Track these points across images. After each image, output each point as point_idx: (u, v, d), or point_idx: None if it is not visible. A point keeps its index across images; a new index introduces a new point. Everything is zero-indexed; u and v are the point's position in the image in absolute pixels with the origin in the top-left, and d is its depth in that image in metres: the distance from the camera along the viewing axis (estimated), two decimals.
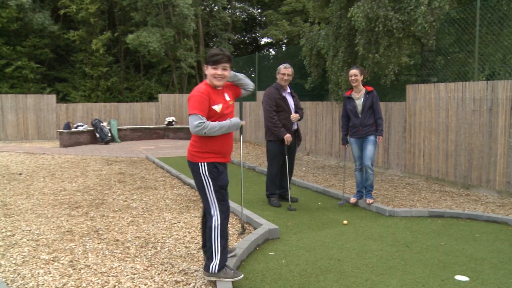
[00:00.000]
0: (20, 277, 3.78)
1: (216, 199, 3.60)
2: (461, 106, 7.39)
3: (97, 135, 15.08)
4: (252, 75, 16.82)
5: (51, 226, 5.30)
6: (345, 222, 5.49)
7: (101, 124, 15.23)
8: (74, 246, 4.58)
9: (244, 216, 5.52)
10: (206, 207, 3.66)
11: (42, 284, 3.63)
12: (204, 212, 3.86)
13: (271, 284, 3.65)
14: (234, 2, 25.75)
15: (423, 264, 4.10)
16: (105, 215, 5.80)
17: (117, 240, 4.78)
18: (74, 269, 3.95)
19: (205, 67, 3.61)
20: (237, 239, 4.79)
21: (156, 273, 3.87)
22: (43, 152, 12.49)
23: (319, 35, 10.38)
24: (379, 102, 6.26)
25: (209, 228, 3.60)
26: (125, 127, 16.47)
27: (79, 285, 3.61)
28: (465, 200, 6.58)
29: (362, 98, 6.15)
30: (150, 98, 21.79)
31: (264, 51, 27.26)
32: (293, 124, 6.34)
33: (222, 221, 3.60)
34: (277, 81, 6.33)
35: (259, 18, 28.40)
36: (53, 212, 5.95)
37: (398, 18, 7.60)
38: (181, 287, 3.60)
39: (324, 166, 9.82)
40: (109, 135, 15.21)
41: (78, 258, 4.23)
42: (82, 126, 15.13)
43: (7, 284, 3.62)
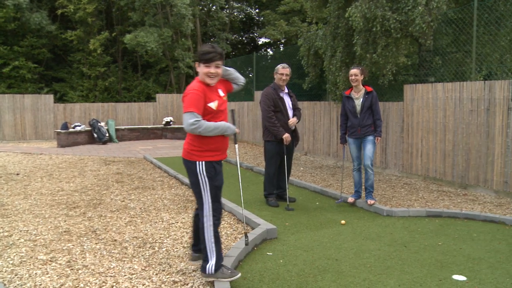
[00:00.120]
0: (18, 278, 3.77)
1: (211, 199, 3.57)
2: (459, 106, 7.40)
3: (95, 135, 15.06)
4: (250, 75, 16.82)
5: (49, 227, 5.28)
6: (343, 222, 5.50)
7: (99, 124, 15.21)
8: (72, 247, 4.57)
9: (243, 217, 5.53)
10: (199, 207, 3.63)
11: (40, 285, 3.62)
12: (197, 212, 3.84)
13: (269, 284, 3.65)
14: (232, 2, 25.76)
15: (421, 264, 4.11)
16: (103, 215, 5.79)
17: (115, 240, 4.78)
18: (72, 270, 3.95)
19: (197, 65, 3.56)
20: (235, 240, 4.79)
21: (154, 273, 3.87)
22: (41, 152, 12.47)
23: (317, 35, 10.39)
24: (379, 103, 6.26)
25: (202, 229, 3.58)
26: (123, 127, 16.46)
27: (77, 286, 3.60)
28: (463, 200, 6.59)
29: (362, 98, 6.14)
30: (148, 98, 21.78)
31: (262, 51, 27.29)
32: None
33: (215, 222, 3.59)
34: (275, 81, 6.33)
35: (257, 18, 28.41)
36: (51, 212, 5.94)
37: (396, 18, 7.61)
38: (179, 287, 3.60)
39: (322, 166, 9.83)
40: (107, 135, 15.19)
41: (76, 259, 4.22)
42: (80, 126, 15.11)
43: (5, 285, 3.61)
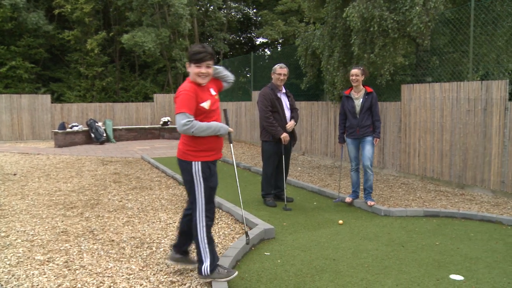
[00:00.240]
0: (15, 278, 3.76)
1: (205, 200, 3.56)
2: (456, 106, 7.42)
3: (92, 135, 15.03)
4: (248, 75, 16.83)
5: (46, 227, 5.27)
6: (341, 222, 5.50)
7: (96, 124, 15.19)
8: (69, 247, 4.57)
9: (242, 217, 5.53)
10: (193, 206, 3.61)
11: (37, 285, 3.61)
12: (187, 212, 3.81)
13: (267, 284, 3.65)
14: (230, 2, 25.76)
15: (418, 264, 4.12)
16: (100, 216, 5.78)
17: (113, 241, 4.77)
18: (69, 270, 3.94)
19: (188, 65, 3.55)
20: (233, 240, 4.79)
21: (152, 274, 3.86)
22: (38, 153, 12.44)
23: (314, 35, 10.40)
24: (378, 104, 6.25)
25: (195, 230, 3.57)
26: (120, 127, 16.43)
27: (74, 286, 3.60)
28: (460, 200, 6.61)
29: (361, 99, 6.12)
30: (145, 98, 21.76)
31: (260, 51, 27.28)
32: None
33: (208, 223, 3.58)
34: (273, 81, 6.33)
35: (255, 18, 28.42)
36: (48, 213, 5.93)
37: (393, 18, 7.62)
38: (176, 287, 3.60)
39: (320, 166, 9.84)
40: (104, 135, 15.17)
41: (73, 259, 4.22)
42: (77, 126, 15.08)
43: (2, 285, 3.60)
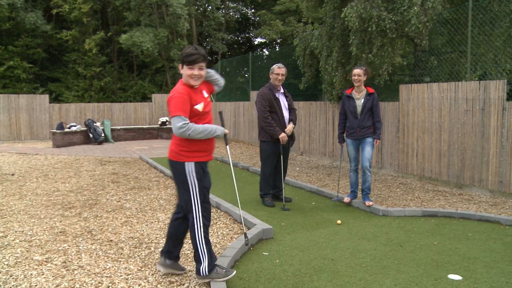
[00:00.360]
0: (13, 279, 3.75)
1: (200, 200, 3.56)
2: (454, 106, 7.43)
3: (91, 135, 15.02)
4: (246, 75, 16.83)
5: (44, 227, 5.27)
6: (339, 222, 5.50)
7: (95, 124, 15.17)
8: (68, 247, 4.56)
9: (238, 216, 5.53)
10: (188, 209, 3.58)
11: (35, 285, 3.61)
12: (178, 213, 3.78)
13: (265, 284, 3.66)
14: (228, 2, 25.76)
15: (417, 264, 4.12)
16: (99, 216, 5.77)
17: (111, 241, 4.77)
18: (68, 270, 3.94)
19: (180, 67, 3.55)
20: (231, 240, 4.79)
21: (150, 274, 3.86)
22: (36, 153, 12.42)
23: (313, 35, 10.40)
24: (379, 105, 6.22)
25: (192, 231, 3.56)
26: (119, 127, 16.42)
27: (73, 286, 3.59)
28: (458, 200, 6.62)
29: (363, 99, 6.09)
30: (144, 98, 21.75)
31: (258, 51, 27.29)
32: (287, 124, 6.33)
33: (205, 223, 3.58)
34: (271, 81, 6.33)
35: (253, 18, 28.43)
36: (46, 213, 5.92)
37: (391, 19, 7.63)
38: (175, 287, 3.60)
39: (318, 166, 9.84)
40: (103, 135, 15.15)
41: (72, 259, 4.21)
42: (75, 126, 15.06)
43: (0, 286, 3.59)
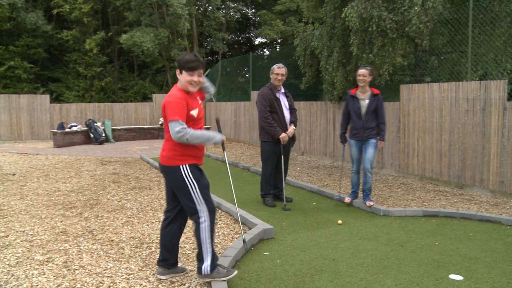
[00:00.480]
0: (14, 278, 3.76)
1: (204, 200, 3.56)
2: (455, 106, 7.43)
3: (91, 135, 15.02)
4: (247, 75, 16.84)
5: (45, 227, 5.27)
6: (340, 222, 5.51)
7: (95, 124, 15.18)
8: (69, 247, 4.56)
9: (240, 217, 5.53)
10: (192, 211, 3.58)
11: (36, 285, 3.61)
12: (168, 218, 3.78)
13: (266, 284, 3.66)
14: (228, 2, 25.75)
15: (418, 264, 4.12)
16: (100, 216, 5.78)
17: (112, 241, 4.77)
18: (69, 270, 3.94)
19: (178, 72, 3.56)
20: (232, 240, 4.79)
21: (151, 274, 3.86)
22: (37, 153, 12.43)
23: (313, 35, 10.41)
24: (384, 106, 6.17)
25: (198, 231, 3.56)
26: (119, 127, 16.42)
27: (74, 286, 3.60)
28: (459, 200, 6.62)
29: (367, 100, 6.03)
30: (144, 98, 21.75)
31: (258, 51, 27.29)
32: (288, 124, 6.33)
33: (212, 221, 3.60)
34: (271, 81, 6.33)
35: (253, 18, 28.42)
36: (47, 213, 5.92)
37: (392, 19, 7.63)
38: (176, 287, 3.60)
39: (319, 166, 9.84)
40: (103, 135, 15.16)
41: (73, 259, 4.22)
42: (76, 126, 15.06)
43: (1, 285, 3.60)
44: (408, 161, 8.40)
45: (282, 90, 6.38)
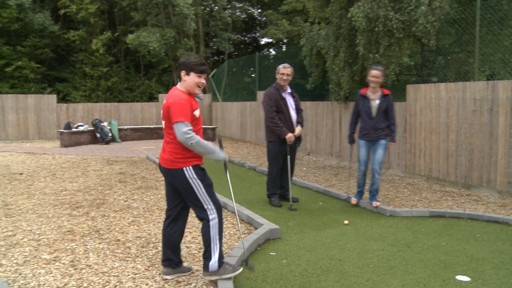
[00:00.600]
0: (22, 277, 3.78)
1: (210, 198, 3.59)
2: (462, 106, 7.39)
3: (98, 135, 15.09)
4: (253, 75, 16.83)
5: (52, 226, 5.30)
6: (346, 222, 5.49)
7: (102, 124, 15.24)
8: (75, 246, 4.59)
9: (245, 217, 5.54)
10: (200, 210, 3.60)
11: (44, 284, 3.64)
12: (169, 217, 3.79)
13: (272, 284, 3.66)
14: (234, 2, 25.76)
15: (424, 264, 4.11)
16: (106, 215, 5.80)
17: (118, 240, 4.79)
18: (75, 269, 3.96)
19: (184, 73, 3.57)
20: (238, 239, 4.79)
21: (157, 273, 3.87)
22: (44, 152, 12.50)
23: (319, 35, 10.39)
24: (394, 107, 6.12)
25: (207, 230, 3.58)
26: (126, 127, 16.47)
27: (80, 285, 3.61)
28: (466, 200, 6.58)
29: (378, 100, 5.96)
30: (151, 98, 21.81)
31: (264, 51, 27.28)
32: (294, 124, 6.32)
33: (220, 218, 3.63)
34: (277, 81, 6.33)
35: (259, 18, 28.42)
36: (54, 212, 5.95)
37: (398, 18, 7.60)
38: (182, 287, 3.60)
39: (325, 166, 9.82)
40: (110, 135, 15.22)
41: (79, 258, 4.23)
42: (83, 126, 15.13)
43: (9, 284, 3.62)
44: (415, 161, 8.36)
45: (289, 90, 6.38)
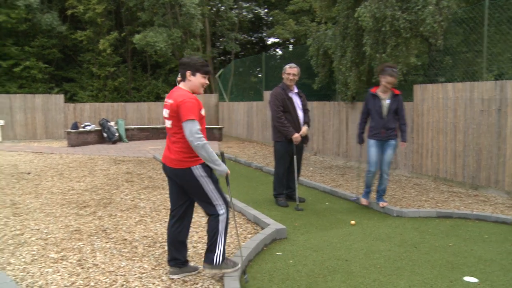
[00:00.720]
0: (30, 275, 3.81)
1: (219, 194, 3.65)
2: (469, 106, 7.34)
3: (105, 135, 15.15)
4: (259, 75, 16.83)
5: (60, 225, 5.33)
6: (353, 223, 5.48)
7: (109, 124, 15.30)
8: (82, 245, 4.61)
9: (252, 216, 5.54)
10: (210, 206, 3.65)
11: (51, 283, 3.66)
12: (174, 217, 3.79)
13: (279, 284, 3.65)
14: (241, 2, 25.77)
15: (431, 265, 4.09)
16: (113, 215, 5.82)
17: (125, 240, 4.80)
18: (83, 268, 3.98)
19: (189, 73, 3.59)
20: (245, 239, 4.79)
21: (164, 273, 3.88)
22: (51, 152, 12.57)
23: (326, 35, 10.37)
24: (404, 107, 6.09)
25: (215, 225, 3.64)
26: (133, 127, 16.53)
27: (87, 284, 3.63)
28: (474, 201, 6.54)
29: (388, 100, 5.93)
30: (157, 98, 21.87)
31: (271, 51, 27.26)
32: (301, 124, 6.31)
33: (228, 216, 3.72)
34: (283, 81, 6.32)
35: (266, 18, 28.41)
36: (62, 211, 5.99)
37: (406, 18, 7.57)
38: (189, 287, 3.61)
39: (332, 166, 9.80)
40: (117, 135, 15.27)
41: (86, 257, 4.25)
42: (90, 126, 15.20)
43: (17, 282, 3.65)
44: (422, 162, 8.32)
45: (295, 90, 6.37)
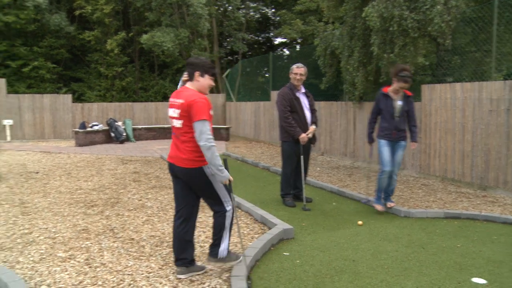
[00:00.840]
0: (38, 274, 3.83)
1: (226, 190, 3.73)
2: (478, 106, 7.29)
3: (112, 135, 15.21)
4: (266, 75, 16.82)
5: (67, 224, 5.36)
6: (360, 223, 5.46)
7: (116, 124, 15.36)
8: (90, 245, 4.63)
9: (259, 216, 5.54)
10: (217, 203, 3.72)
11: (59, 281, 3.68)
12: (181, 217, 3.80)
13: (286, 284, 3.65)
14: (248, 2, 25.77)
15: (439, 266, 4.06)
16: (120, 214, 5.84)
17: (132, 239, 4.82)
18: (90, 267, 4.00)
19: (198, 74, 3.60)
20: (252, 239, 4.79)
21: (171, 272, 3.89)
22: (59, 151, 12.64)
23: (334, 35, 10.35)
24: (415, 108, 6.04)
25: (222, 221, 3.73)
26: (140, 127, 16.58)
27: (95, 283, 3.65)
28: (482, 202, 6.50)
29: (400, 101, 5.85)
30: (165, 98, 21.91)
31: (278, 51, 27.24)
32: (308, 124, 6.30)
33: (234, 208, 3.80)
34: (291, 81, 6.32)
35: (273, 18, 28.39)
36: (69, 211, 6.02)
37: (414, 18, 7.53)
38: (196, 286, 3.62)
39: (339, 166, 9.78)
40: (124, 135, 15.33)
41: (94, 256, 4.28)
42: (97, 126, 15.27)
43: (26, 281, 3.67)
44: (430, 162, 8.28)
45: (303, 90, 6.36)
